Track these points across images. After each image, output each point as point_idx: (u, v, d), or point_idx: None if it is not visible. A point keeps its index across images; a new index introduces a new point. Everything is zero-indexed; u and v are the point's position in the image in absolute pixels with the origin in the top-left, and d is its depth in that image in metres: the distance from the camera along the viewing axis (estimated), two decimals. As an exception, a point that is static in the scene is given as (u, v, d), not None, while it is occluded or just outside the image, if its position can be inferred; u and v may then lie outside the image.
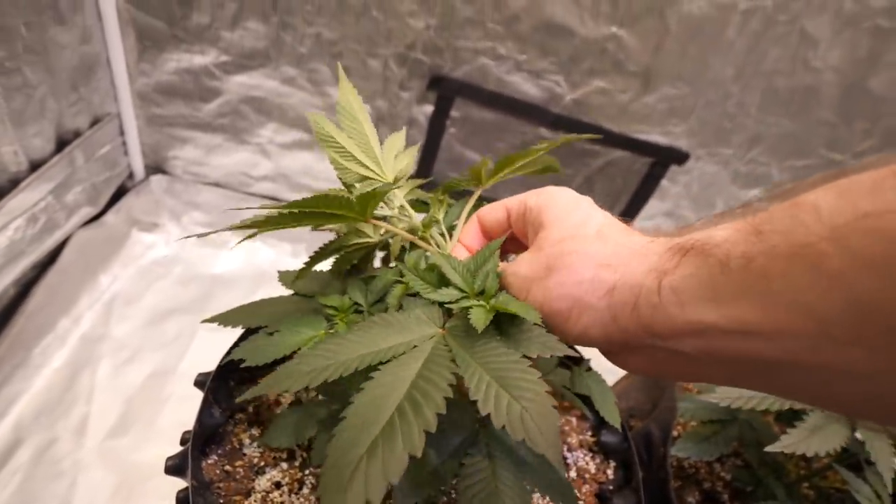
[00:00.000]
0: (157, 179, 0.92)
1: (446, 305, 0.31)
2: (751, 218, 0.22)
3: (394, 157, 0.41)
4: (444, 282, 0.33)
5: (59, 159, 0.72)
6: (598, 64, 0.79)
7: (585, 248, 0.27)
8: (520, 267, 0.31)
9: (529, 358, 0.27)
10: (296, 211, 0.30)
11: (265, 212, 0.31)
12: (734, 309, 0.21)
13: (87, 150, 0.78)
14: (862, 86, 0.79)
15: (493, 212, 0.36)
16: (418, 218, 0.40)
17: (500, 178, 0.41)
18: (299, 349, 0.34)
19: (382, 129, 0.88)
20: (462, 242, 0.37)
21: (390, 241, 0.41)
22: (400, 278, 0.36)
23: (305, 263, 0.40)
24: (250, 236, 0.33)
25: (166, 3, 0.75)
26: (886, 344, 0.17)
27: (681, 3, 0.72)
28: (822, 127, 0.84)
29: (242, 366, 0.36)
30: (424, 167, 0.92)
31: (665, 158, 0.88)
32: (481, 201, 0.43)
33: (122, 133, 0.86)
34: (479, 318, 0.28)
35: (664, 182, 0.91)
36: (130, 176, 0.91)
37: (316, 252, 0.40)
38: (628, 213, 0.94)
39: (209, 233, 0.33)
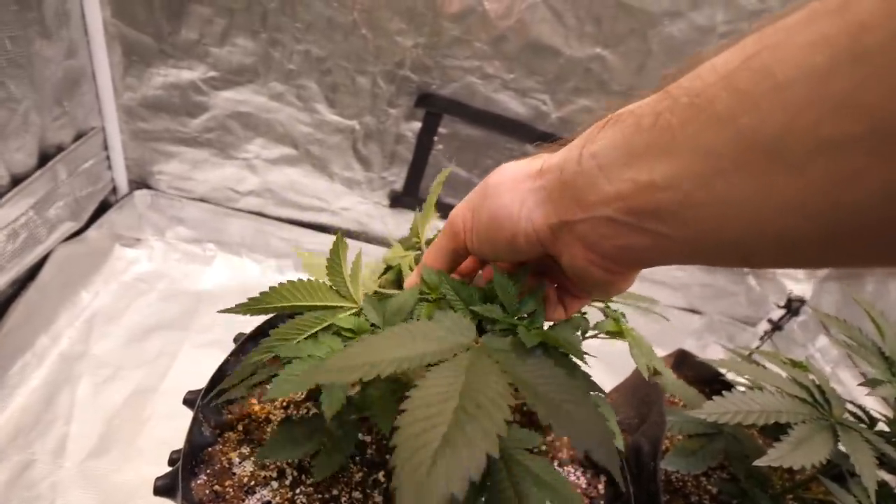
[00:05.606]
0: (140, 194, 0.91)
1: (490, 321, 0.32)
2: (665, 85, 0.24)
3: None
4: (485, 299, 0.33)
5: (42, 174, 0.71)
6: (582, 83, 0.80)
7: (508, 165, 0.31)
8: (457, 208, 0.34)
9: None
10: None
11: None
12: (645, 163, 0.23)
13: (71, 164, 0.77)
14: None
15: (438, 260, 0.36)
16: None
17: None
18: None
19: (370, 144, 0.89)
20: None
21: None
22: (424, 297, 0.35)
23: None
24: None
25: (154, 19, 0.75)
26: (766, 168, 0.19)
27: (662, 26, 0.75)
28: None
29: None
30: (411, 184, 0.92)
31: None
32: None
33: (106, 148, 0.85)
34: (530, 338, 0.29)
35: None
36: (114, 191, 0.89)
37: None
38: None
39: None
